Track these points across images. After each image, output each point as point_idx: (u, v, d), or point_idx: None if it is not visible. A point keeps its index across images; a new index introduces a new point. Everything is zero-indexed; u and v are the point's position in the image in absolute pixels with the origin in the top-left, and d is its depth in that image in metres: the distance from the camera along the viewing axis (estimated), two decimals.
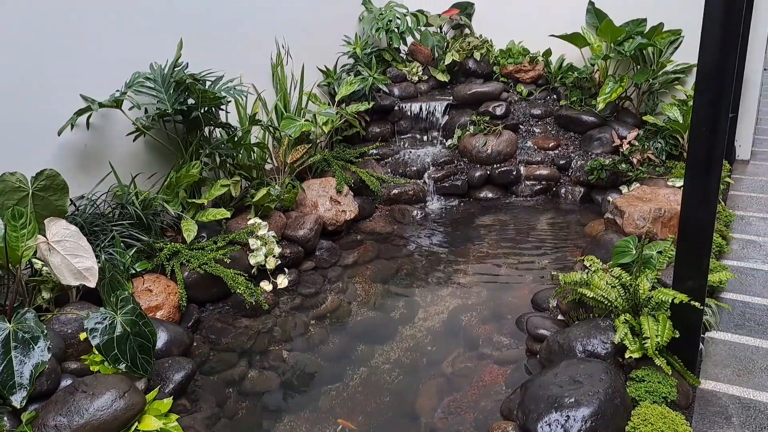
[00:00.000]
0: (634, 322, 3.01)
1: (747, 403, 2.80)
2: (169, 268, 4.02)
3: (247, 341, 3.92)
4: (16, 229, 2.94)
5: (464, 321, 4.12)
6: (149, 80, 4.20)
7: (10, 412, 2.65)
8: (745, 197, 5.14)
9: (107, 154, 4.18)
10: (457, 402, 3.35)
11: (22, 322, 2.76)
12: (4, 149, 3.50)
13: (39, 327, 2.77)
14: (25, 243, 2.96)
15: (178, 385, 3.20)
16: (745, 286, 3.76)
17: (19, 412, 2.65)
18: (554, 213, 5.92)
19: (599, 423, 2.55)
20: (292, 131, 5.05)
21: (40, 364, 2.72)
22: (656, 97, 6.15)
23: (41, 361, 2.72)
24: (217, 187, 4.50)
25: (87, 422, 2.58)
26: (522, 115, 6.70)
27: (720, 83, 2.51)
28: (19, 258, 2.97)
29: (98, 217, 3.88)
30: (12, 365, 2.67)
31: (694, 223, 2.72)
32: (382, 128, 6.66)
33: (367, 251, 5.24)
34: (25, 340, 2.72)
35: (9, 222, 2.93)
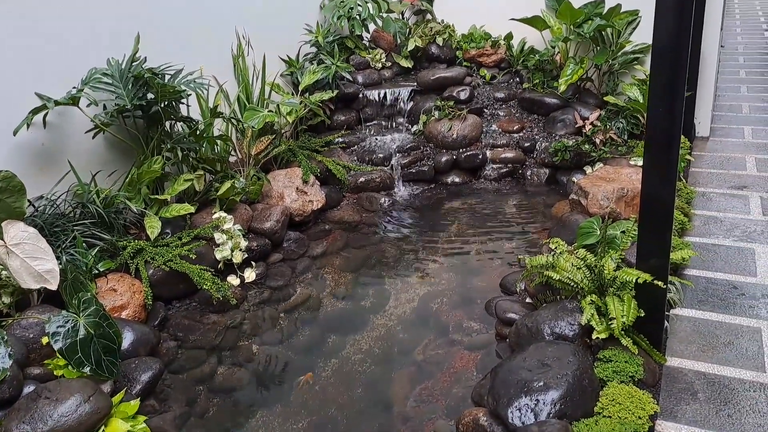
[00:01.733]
0: (601, 303, 3.05)
1: (712, 378, 2.85)
2: (133, 266, 3.95)
3: (216, 337, 3.89)
4: None
5: (434, 307, 4.13)
6: (106, 76, 4.12)
7: None
8: (706, 174, 5.22)
9: (66, 153, 4.09)
10: (429, 390, 3.36)
11: None
12: None
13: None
14: None
15: (145, 386, 3.16)
16: (708, 262, 3.82)
17: None
18: (521, 195, 5.96)
19: (568, 405, 2.58)
20: (255, 122, 4.99)
21: (1, 371, 2.66)
22: (617, 77, 6.20)
23: (2, 368, 2.66)
24: (180, 182, 4.44)
25: (51, 429, 2.53)
26: (486, 98, 6.72)
27: (675, 63, 2.53)
28: None
29: (58, 218, 3.80)
30: None
31: (654, 201, 2.75)
32: (347, 116, 6.62)
33: (336, 241, 5.22)
34: None
35: None
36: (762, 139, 5.95)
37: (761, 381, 2.81)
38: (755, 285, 3.56)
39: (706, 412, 2.65)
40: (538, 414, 2.56)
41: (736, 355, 2.98)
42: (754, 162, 5.40)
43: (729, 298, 3.45)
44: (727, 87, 7.83)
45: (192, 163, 4.79)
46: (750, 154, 5.58)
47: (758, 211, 4.45)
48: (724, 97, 7.41)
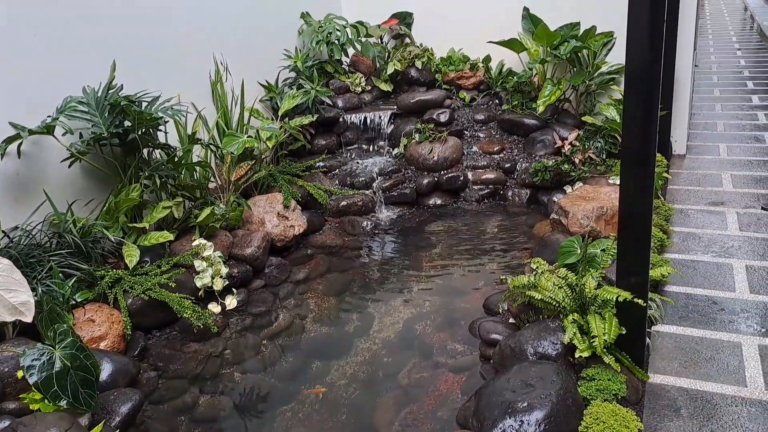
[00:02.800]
0: (583, 321, 3.04)
1: (694, 394, 2.85)
2: (111, 296, 3.90)
3: (197, 366, 3.83)
4: None
5: (418, 330, 4.11)
6: (82, 104, 4.09)
7: None
8: (683, 191, 5.27)
9: (41, 182, 4.05)
10: (414, 414, 3.32)
11: None
12: None
13: None
14: None
15: (125, 418, 3.09)
16: (687, 278, 3.85)
17: None
18: (502, 216, 5.97)
19: (553, 425, 2.56)
20: (234, 148, 4.98)
21: None
22: (594, 97, 6.27)
23: None
24: (159, 210, 4.41)
25: None
26: (466, 120, 6.76)
27: (648, 84, 2.57)
28: None
29: (34, 248, 3.75)
30: None
31: (632, 219, 2.77)
32: (327, 140, 6.64)
33: (318, 265, 5.20)
34: None
35: None
36: (737, 156, 6.04)
37: (743, 395, 2.81)
38: (734, 300, 3.58)
39: (689, 428, 2.65)
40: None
41: (718, 370, 2.99)
42: (730, 178, 5.46)
43: (709, 313, 3.47)
44: (702, 105, 7.95)
45: (171, 191, 4.76)
46: (726, 171, 5.64)
47: (735, 227, 4.49)
48: (700, 115, 7.51)
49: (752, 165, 5.73)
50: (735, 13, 17.55)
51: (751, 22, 14.78)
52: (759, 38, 12.75)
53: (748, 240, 4.29)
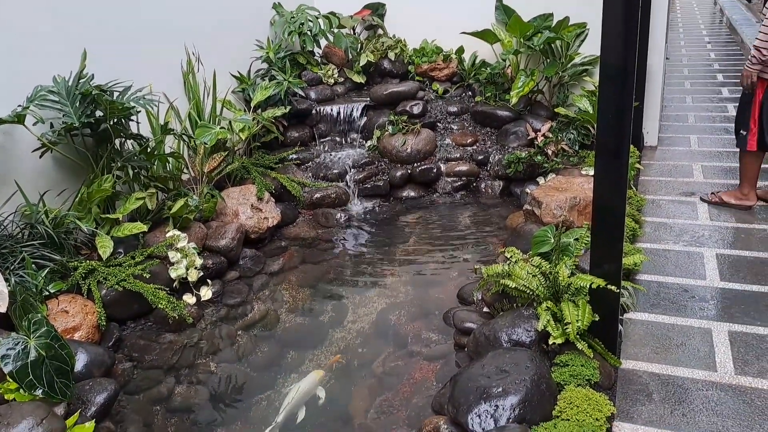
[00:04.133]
0: (556, 309, 3.09)
1: (666, 379, 2.91)
2: (85, 287, 3.86)
3: (173, 357, 3.82)
4: None
5: (393, 320, 4.13)
6: (53, 93, 4.03)
7: None
8: (655, 182, 5.36)
9: (12, 173, 3.98)
10: (389, 401, 3.35)
11: None
12: None
13: None
14: None
15: (101, 408, 3.08)
16: (659, 267, 3.92)
17: None
18: (476, 208, 6.02)
19: (527, 410, 2.61)
20: (207, 139, 4.95)
21: None
22: (567, 89, 6.34)
23: None
24: (132, 201, 4.36)
25: None
26: (439, 112, 6.79)
27: (622, 75, 2.61)
28: None
29: (6, 239, 3.70)
30: None
31: (606, 209, 2.81)
32: (300, 132, 6.62)
33: (293, 257, 5.20)
34: None
35: None
36: (707, 147, 6.15)
37: (713, 380, 2.88)
38: (705, 287, 3.66)
39: (661, 412, 2.71)
40: (497, 419, 2.58)
41: (689, 356, 3.06)
42: (700, 169, 5.57)
43: (680, 300, 3.54)
44: (674, 98, 8.08)
45: (144, 182, 4.71)
46: (696, 162, 5.75)
47: (705, 217, 4.59)
48: (671, 107, 7.64)
49: (722, 156, 5.85)
50: (705, 6, 17.85)
51: (721, 16, 15.05)
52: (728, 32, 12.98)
53: (718, 229, 4.38)
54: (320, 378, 3.58)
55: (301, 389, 3.43)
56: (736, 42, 11.69)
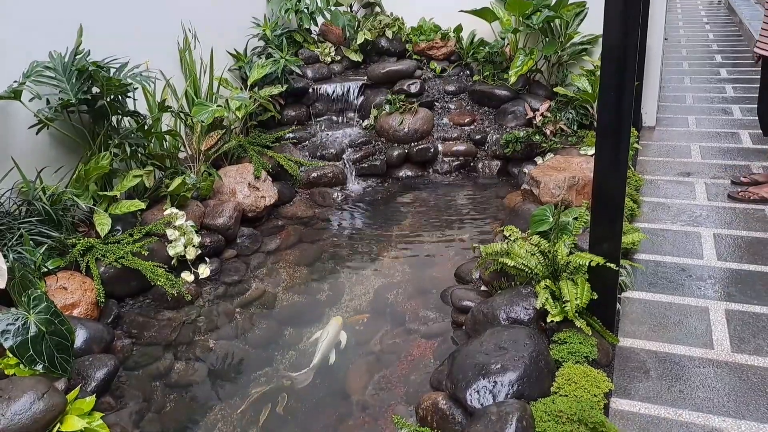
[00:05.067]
0: (555, 287, 3.10)
1: (663, 356, 2.94)
2: (83, 264, 3.86)
3: (171, 333, 3.82)
4: None
5: (390, 298, 4.15)
6: (49, 69, 3.99)
7: None
8: (653, 162, 5.37)
9: (9, 149, 3.96)
10: (387, 378, 3.37)
11: None
12: None
13: None
14: None
15: (101, 383, 3.09)
16: (657, 246, 3.94)
17: None
18: (473, 188, 6.02)
19: (526, 386, 2.62)
20: (204, 117, 4.92)
21: None
22: (565, 68, 6.31)
23: None
24: (130, 178, 4.35)
25: (5, 428, 2.46)
26: (437, 92, 6.76)
27: (624, 54, 2.60)
28: None
29: (3, 216, 3.68)
30: None
31: (606, 188, 2.82)
32: (297, 111, 6.59)
33: (290, 236, 5.20)
34: None
35: None
36: (705, 128, 6.16)
37: (710, 357, 2.91)
38: (702, 267, 3.68)
39: (658, 388, 2.73)
40: (496, 395, 2.60)
41: (686, 334, 3.08)
42: (698, 150, 5.57)
43: (678, 280, 3.56)
44: (672, 78, 8.07)
45: (141, 159, 4.70)
46: (694, 142, 5.76)
47: (703, 197, 4.60)
48: (669, 88, 7.63)
49: (720, 137, 5.85)
50: None
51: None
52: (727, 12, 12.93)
53: (715, 209, 4.40)
54: (341, 324, 3.84)
55: (328, 335, 3.71)
56: (735, 23, 11.65)
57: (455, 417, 2.65)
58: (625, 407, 2.64)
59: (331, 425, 3.07)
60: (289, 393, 3.32)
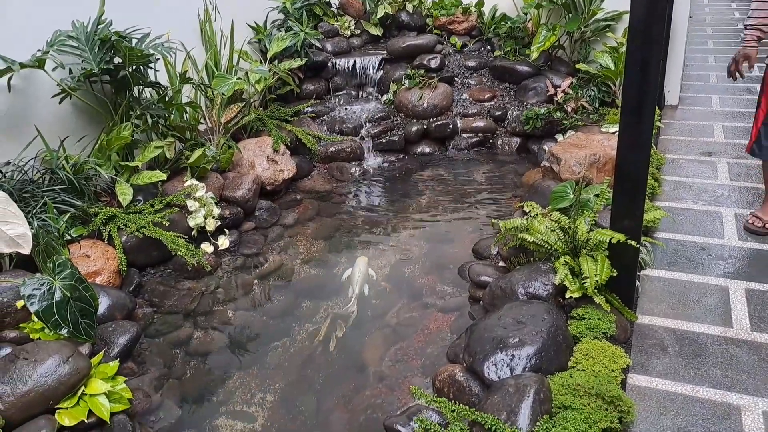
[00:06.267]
0: (574, 264, 3.10)
1: (681, 334, 2.93)
2: (105, 233, 3.91)
3: (191, 303, 3.87)
4: None
5: (407, 273, 4.16)
6: (72, 39, 4.02)
7: None
8: (675, 141, 5.31)
9: (33, 118, 4.00)
10: (404, 350, 3.40)
11: None
12: None
13: None
14: None
15: (123, 349, 3.15)
16: (677, 225, 3.91)
17: None
18: (491, 164, 5.99)
19: (543, 360, 2.64)
20: (224, 89, 4.92)
21: None
22: (588, 44, 6.22)
23: None
24: (151, 149, 4.38)
25: (31, 389, 2.52)
26: (457, 67, 6.72)
27: (650, 31, 2.57)
28: None
29: (27, 184, 3.73)
30: None
31: (629, 165, 2.80)
32: (316, 85, 6.57)
33: (307, 210, 5.22)
34: None
35: None
36: (729, 107, 6.07)
37: (729, 335, 2.90)
38: (722, 246, 3.65)
39: (676, 365, 2.73)
40: (513, 368, 2.62)
41: (705, 312, 3.07)
42: (721, 129, 5.50)
43: (698, 259, 3.54)
44: (696, 57, 7.94)
45: (162, 131, 4.73)
46: (717, 122, 5.68)
47: (725, 176, 4.55)
48: (693, 66, 7.51)
49: (744, 116, 5.77)
50: None
51: None
52: None
53: (737, 189, 4.35)
54: (367, 262, 4.18)
55: (360, 271, 4.08)
56: None
57: (472, 389, 2.68)
58: (643, 383, 2.65)
59: (347, 395, 3.11)
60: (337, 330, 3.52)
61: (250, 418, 2.98)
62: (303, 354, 3.42)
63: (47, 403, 2.56)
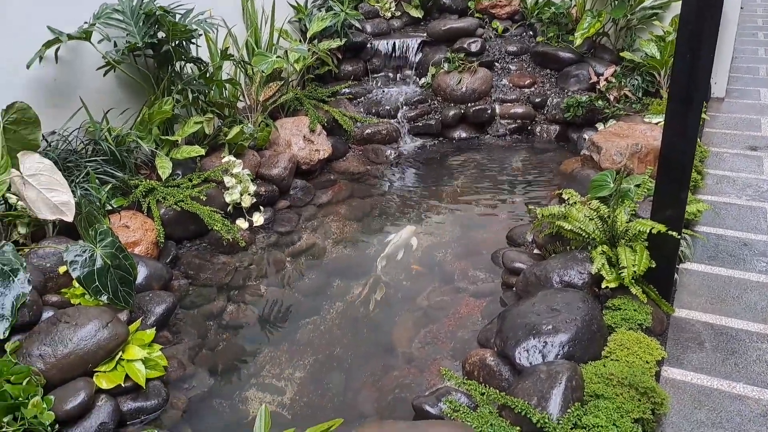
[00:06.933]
0: (611, 253, 3.06)
1: (719, 329, 2.88)
2: (145, 205, 3.97)
3: (225, 277, 3.93)
4: None
5: (439, 257, 4.16)
6: (118, 12, 4.06)
7: None
8: (720, 134, 5.19)
9: (77, 89, 4.06)
10: (434, 333, 3.40)
11: (0, 255, 2.72)
12: None
13: (18, 259, 2.74)
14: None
15: (159, 318, 3.21)
16: (719, 220, 3.83)
17: (3, 343, 2.65)
18: (529, 152, 5.94)
19: (576, 348, 2.62)
20: (264, 67, 4.94)
21: (21, 295, 2.70)
22: (633, 32, 6.09)
23: (22, 292, 2.70)
24: (191, 125, 4.42)
25: (71, 351, 2.58)
26: (497, 52, 6.65)
27: (702, 20, 2.51)
28: None
29: (71, 153, 3.80)
30: None
31: (674, 155, 2.75)
32: (354, 66, 6.56)
33: (341, 190, 5.23)
34: (4, 273, 2.69)
35: None
36: None
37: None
38: (766, 243, 3.56)
39: (712, 360, 2.69)
40: (546, 355, 2.60)
41: (744, 309, 3.01)
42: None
43: (739, 254, 3.47)
44: (745, 49, 7.73)
45: (201, 107, 4.76)
46: (765, 116, 5.52)
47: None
48: (742, 58, 7.32)
49: None
50: None
51: None
52: None
53: None
54: (413, 231, 4.32)
55: (402, 237, 4.23)
56: None
57: (502, 373, 2.67)
58: (677, 376, 2.61)
59: (376, 374, 3.12)
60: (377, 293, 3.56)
61: (280, 392, 3.02)
62: (333, 332, 3.45)
63: (86, 366, 2.63)
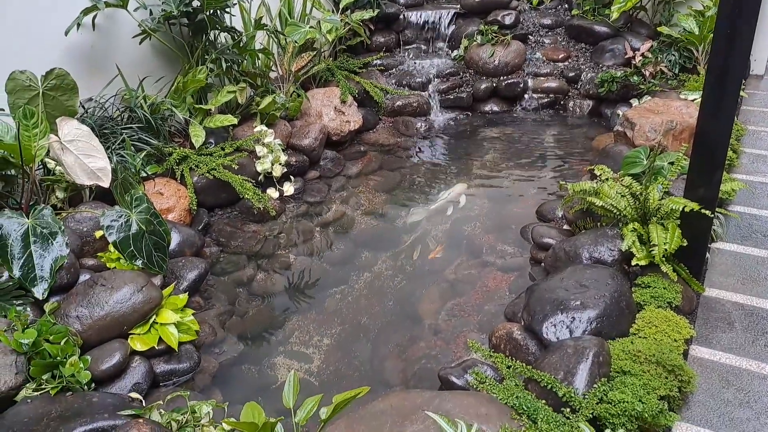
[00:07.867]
0: (642, 231, 3.05)
1: (750, 309, 2.86)
2: (178, 172, 4.03)
3: (256, 245, 3.98)
4: (28, 128, 2.91)
5: (467, 231, 4.16)
6: None
7: (32, 303, 2.72)
8: (757, 112, 5.09)
9: (114, 57, 4.11)
10: (461, 306, 3.42)
11: (39, 218, 2.79)
12: (10, 49, 3.43)
13: (56, 223, 2.81)
14: (38, 142, 2.94)
15: (191, 283, 3.27)
16: (754, 199, 3.78)
17: (42, 303, 2.72)
18: (561, 127, 5.88)
19: (604, 324, 2.62)
20: (297, 37, 4.93)
21: (60, 258, 2.77)
22: (672, 7, 5.96)
23: (60, 255, 2.77)
24: (224, 94, 4.45)
25: (107, 314, 2.65)
26: (531, 25, 6.57)
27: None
28: (33, 157, 2.97)
29: (107, 120, 3.86)
30: (32, 259, 2.72)
31: (709, 132, 2.71)
32: (386, 38, 6.53)
33: (371, 162, 5.25)
34: (43, 235, 2.76)
35: (21, 121, 2.91)
36: None
37: None
38: None
39: (742, 340, 2.68)
40: (573, 330, 2.61)
41: None
42: None
43: None
44: None
45: (234, 76, 4.78)
46: None
47: None
48: None
49: None
50: None
51: None
52: None
53: None
54: (465, 188, 4.63)
55: (454, 192, 4.55)
56: None
57: (529, 347, 2.69)
58: (705, 355, 2.61)
59: (402, 344, 3.16)
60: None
61: (307, 359, 3.08)
62: (360, 303, 3.49)
63: (121, 328, 2.70)
